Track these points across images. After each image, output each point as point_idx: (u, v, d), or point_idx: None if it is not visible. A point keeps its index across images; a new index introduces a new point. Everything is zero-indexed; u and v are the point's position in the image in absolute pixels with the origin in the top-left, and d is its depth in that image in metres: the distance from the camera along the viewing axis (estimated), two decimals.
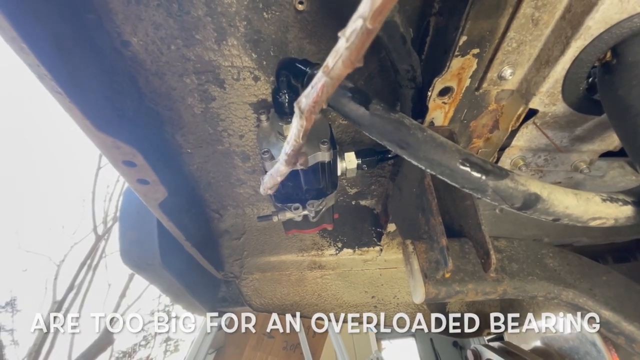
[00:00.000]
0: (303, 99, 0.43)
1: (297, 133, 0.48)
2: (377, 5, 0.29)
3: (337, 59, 0.35)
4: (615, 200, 0.61)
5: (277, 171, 0.59)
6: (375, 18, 0.30)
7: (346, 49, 0.33)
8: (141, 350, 9.24)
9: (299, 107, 0.44)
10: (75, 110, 0.59)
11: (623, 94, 0.62)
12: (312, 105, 0.42)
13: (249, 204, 1.48)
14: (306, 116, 0.44)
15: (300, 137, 0.48)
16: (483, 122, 0.91)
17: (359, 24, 0.31)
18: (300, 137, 0.48)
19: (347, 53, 0.33)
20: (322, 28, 0.89)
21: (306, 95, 0.42)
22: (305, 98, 0.42)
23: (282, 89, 0.82)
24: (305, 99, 0.42)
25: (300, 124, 0.46)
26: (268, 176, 0.64)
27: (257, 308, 1.51)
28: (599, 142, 0.88)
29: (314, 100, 0.41)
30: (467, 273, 0.74)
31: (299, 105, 0.44)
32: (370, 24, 0.30)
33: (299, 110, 0.44)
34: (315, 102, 0.41)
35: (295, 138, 0.49)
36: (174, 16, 0.84)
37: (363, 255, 1.53)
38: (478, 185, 0.57)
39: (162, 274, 1.19)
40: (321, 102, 0.41)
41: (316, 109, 0.42)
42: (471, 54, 0.74)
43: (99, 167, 8.56)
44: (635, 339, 0.71)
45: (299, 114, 0.45)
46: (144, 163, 0.74)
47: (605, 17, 0.61)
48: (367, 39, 0.32)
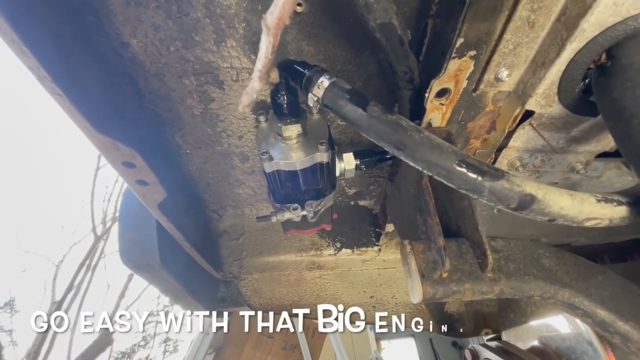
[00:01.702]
0: (268, 16, 0.47)
1: (266, 49, 0.52)
2: None
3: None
4: (610, 201, 0.62)
5: (252, 88, 0.62)
6: None
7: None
8: (140, 350, 9.23)
9: (266, 24, 0.49)
10: (75, 112, 0.59)
11: (618, 96, 0.63)
12: (276, 22, 0.47)
13: (248, 205, 1.48)
14: (272, 32, 0.49)
15: (270, 52, 0.53)
16: (480, 123, 0.92)
17: None
18: (270, 53, 0.53)
19: None
20: (321, 30, 0.89)
21: (270, 13, 0.46)
22: (270, 15, 0.47)
23: (281, 90, 0.83)
24: (270, 16, 0.47)
25: (268, 40, 0.51)
26: (245, 94, 0.66)
27: (256, 308, 1.52)
28: (595, 143, 0.89)
29: (278, 17, 0.46)
30: (464, 273, 0.75)
31: (265, 22, 0.48)
32: None
33: (266, 27, 0.49)
34: (279, 19, 0.47)
35: (265, 54, 0.53)
36: (173, 18, 0.85)
37: (362, 256, 1.53)
38: (474, 186, 0.58)
39: (162, 274, 1.20)
40: (284, 19, 0.47)
41: (280, 25, 0.48)
42: (468, 55, 0.75)
43: (97, 167, 8.56)
44: (631, 338, 0.72)
45: (266, 30, 0.49)
46: (143, 164, 0.74)
47: (600, 20, 0.61)
48: None
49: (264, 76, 0.57)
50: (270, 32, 0.49)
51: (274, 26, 0.48)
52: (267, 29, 0.49)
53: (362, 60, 0.97)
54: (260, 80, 0.59)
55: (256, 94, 0.64)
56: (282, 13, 0.45)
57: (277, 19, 0.46)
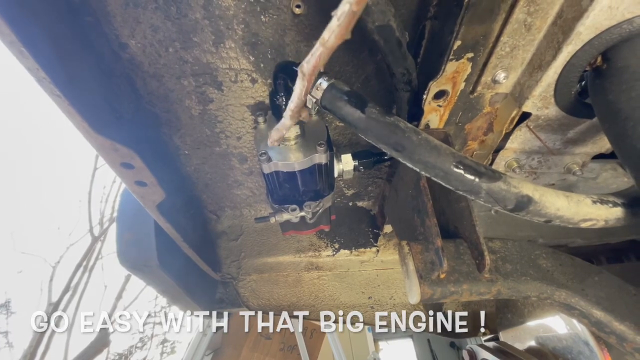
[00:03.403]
0: (305, 64, 0.53)
1: (300, 92, 0.58)
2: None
3: (331, 34, 0.46)
4: (605, 202, 0.62)
5: (283, 125, 0.68)
6: (359, 3, 0.42)
7: (337, 26, 0.44)
8: (137, 352, 9.18)
9: (302, 71, 0.54)
10: (74, 113, 0.59)
11: (613, 98, 0.63)
12: (312, 69, 0.53)
13: (246, 205, 1.48)
14: (307, 78, 0.55)
15: (303, 95, 0.59)
16: (478, 124, 0.92)
17: (346, 7, 0.42)
18: (303, 95, 0.59)
19: (338, 29, 0.45)
20: (319, 31, 0.88)
21: (307, 62, 0.52)
22: (306, 63, 0.53)
23: (280, 91, 0.83)
24: (306, 64, 0.53)
25: (302, 85, 0.56)
26: (275, 130, 0.71)
27: (255, 309, 1.52)
28: (591, 144, 0.89)
29: (313, 65, 0.52)
30: (461, 274, 0.75)
31: (301, 69, 0.54)
32: (355, 7, 0.42)
33: (302, 73, 0.55)
34: (314, 67, 0.52)
35: (299, 96, 0.59)
36: (171, 19, 0.85)
37: (360, 256, 1.54)
38: (471, 187, 0.58)
39: (159, 275, 1.19)
40: (319, 67, 0.52)
41: (315, 71, 0.53)
42: (465, 57, 0.75)
43: (95, 167, 8.52)
44: (626, 338, 0.73)
45: (302, 76, 0.55)
46: (141, 165, 0.74)
47: (595, 23, 0.62)
48: (353, 19, 0.44)
49: (295, 115, 0.63)
50: (305, 78, 0.55)
51: (310, 73, 0.53)
52: (303, 75, 0.54)
53: (360, 62, 0.97)
54: (291, 118, 0.64)
55: (286, 131, 0.69)
56: (317, 62, 0.51)
57: (313, 67, 0.52)
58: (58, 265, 8.31)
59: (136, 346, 9.19)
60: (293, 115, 0.62)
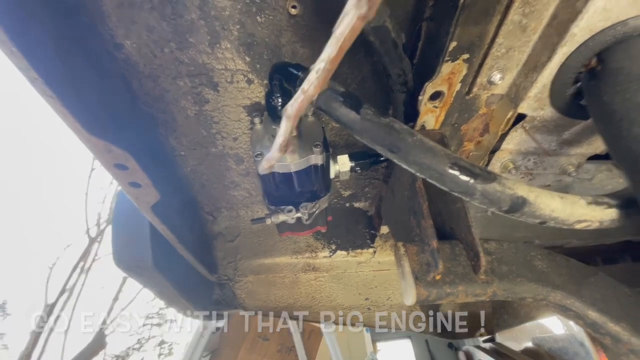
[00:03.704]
0: (289, 107, 0.58)
1: (286, 131, 0.63)
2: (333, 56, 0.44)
3: (310, 85, 0.51)
4: (600, 204, 0.62)
5: (272, 157, 0.72)
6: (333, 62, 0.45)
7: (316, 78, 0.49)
8: (135, 353, 9.13)
9: (287, 114, 0.59)
10: (67, 114, 0.59)
11: (607, 100, 0.63)
12: (295, 113, 0.58)
13: (243, 207, 1.48)
14: (292, 120, 0.59)
15: (289, 133, 0.63)
16: (474, 125, 0.92)
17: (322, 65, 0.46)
18: (289, 134, 0.63)
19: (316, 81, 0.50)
20: (315, 32, 0.90)
21: (291, 105, 0.57)
22: (290, 107, 0.57)
23: (275, 92, 0.83)
24: (290, 107, 0.58)
25: (288, 125, 0.61)
26: (265, 160, 0.76)
27: (251, 310, 1.51)
28: (586, 145, 0.90)
29: (297, 109, 0.57)
30: (457, 275, 0.75)
31: (286, 112, 0.59)
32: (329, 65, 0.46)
33: (286, 116, 0.59)
34: (298, 111, 0.57)
35: (284, 134, 0.63)
36: (167, 19, 0.84)
37: (357, 257, 1.53)
38: (466, 188, 0.58)
39: (155, 276, 1.19)
40: (301, 111, 0.57)
41: (298, 114, 0.58)
42: (461, 59, 0.75)
43: (92, 168, 8.49)
44: (622, 339, 0.73)
45: (286, 118, 0.59)
46: (136, 166, 0.74)
47: (589, 25, 0.62)
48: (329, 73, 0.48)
49: (283, 148, 0.68)
50: (289, 120, 0.59)
51: (294, 116, 0.58)
52: (288, 117, 0.59)
53: (356, 63, 0.97)
54: (280, 151, 0.69)
55: (275, 161, 0.75)
56: (300, 107, 0.56)
57: (297, 111, 0.57)
58: (54, 267, 8.26)
59: (133, 348, 9.14)
60: (281, 148, 0.68)
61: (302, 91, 0.51)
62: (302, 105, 0.54)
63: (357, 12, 0.34)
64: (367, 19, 0.35)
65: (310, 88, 0.49)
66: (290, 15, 0.85)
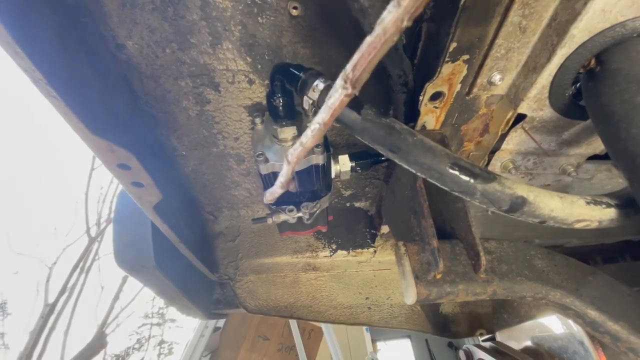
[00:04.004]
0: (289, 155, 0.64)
1: (287, 173, 0.70)
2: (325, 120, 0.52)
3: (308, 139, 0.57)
4: (598, 203, 0.63)
5: (274, 192, 0.81)
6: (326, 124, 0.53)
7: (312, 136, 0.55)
8: (135, 353, 9.15)
9: (287, 159, 0.65)
10: (70, 114, 0.59)
11: (606, 101, 0.64)
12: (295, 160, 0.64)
13: (243, 206, 1.48)
14: (292, 165, 0.66)
15: (289, 174, 0.71)
16: (474, 126, 0.93)
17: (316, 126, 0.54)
18: (289, 175, 0.71)
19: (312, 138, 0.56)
20: (316, 33, 0.90)
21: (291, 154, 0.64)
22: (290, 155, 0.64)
23: (277, 93, 0.84)
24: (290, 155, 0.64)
25: (289, 169, 0.68)
26: (269, 192, 0.85)
27: (252, 310, 1.52)
28: (585, 146, 0.90)
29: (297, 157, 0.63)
30: (457, 274, 0.76)
31: (287, 158, 0.65)
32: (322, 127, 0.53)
33: (287, 161, 0.66)
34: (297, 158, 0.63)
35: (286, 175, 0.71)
36: (169, 20, 0.85)
37: (357, 257, 1.54)
38: (467, 188, 0.59)
39: (157, 276, 1.19)
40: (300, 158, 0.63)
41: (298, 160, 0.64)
42: (461, 59, 0.76)
43: (92, 168, 8.49)
44: (620, 338, 0.73)
45: (287, 163, 0.66)
46: (138, 166, 0.74)
47: (588, 26, 0.63)
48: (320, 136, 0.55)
49: (285, 185, 0.75)
50: (290, 165, 0.66)
51: (293, 162, 0.65)
52: (288, 162, 0.66)
53: None
54: (282, 188, 0.76)
55: (278, 195, 0.82)
56: (299, 155, 0.62)
57: (296, 158, 0.63)
58: (55, 266, 8.27)
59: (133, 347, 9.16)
60: (283, 185, 0.75)
61: (301, 144, 0.58)
62: (301, 154, 0.61)
63: (344, 92, 0.44)
64: (352, 96, 0.45)
65: (307, 142, 0.57)
66: (292, 16, 0.86)
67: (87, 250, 8.08)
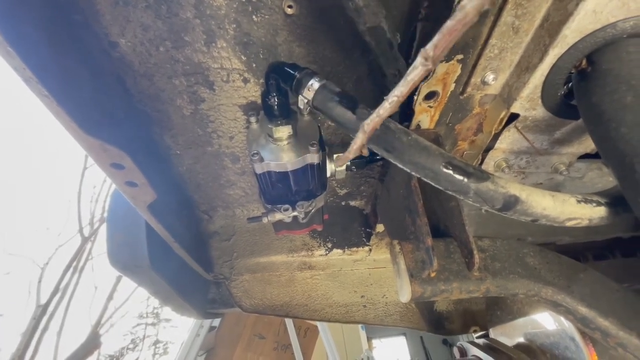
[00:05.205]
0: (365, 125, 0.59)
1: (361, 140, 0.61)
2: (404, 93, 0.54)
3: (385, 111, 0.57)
4: (589, 202, 0.64)
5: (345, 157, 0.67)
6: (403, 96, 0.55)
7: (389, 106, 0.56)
8: (129, 353, 9.08)
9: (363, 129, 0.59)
10: (62, 113, 0.58)
11: (597, 100, 0.65)
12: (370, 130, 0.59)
13: (239, 206, 1.48)
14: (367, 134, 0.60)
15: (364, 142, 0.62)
16: (468, 125, 0.94)
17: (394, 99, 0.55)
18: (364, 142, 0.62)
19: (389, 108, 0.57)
20: (311, 32, 0.90)
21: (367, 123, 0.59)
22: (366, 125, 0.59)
23: (272, 91, 0.83)
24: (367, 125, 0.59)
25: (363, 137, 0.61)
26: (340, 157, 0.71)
27: (247, 309, 1.51)
28: (577, 145, 0.92)
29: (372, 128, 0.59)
30: (451, 272, 0.77)
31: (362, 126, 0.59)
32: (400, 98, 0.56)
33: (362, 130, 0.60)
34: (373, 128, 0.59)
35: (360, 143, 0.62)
36: (162, 18, 0.84)
37: (352, 256, 1.55)
38: (460, 187, 0.59)
39: (151, 275, 1.18)
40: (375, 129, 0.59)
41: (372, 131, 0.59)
42: (455, 59, 0.76)
43: (84, 167, 8.38)
44: (610, 334, 0.75)
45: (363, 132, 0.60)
46: (132, 165, 0.74)
47: (580, 27, 0.63)
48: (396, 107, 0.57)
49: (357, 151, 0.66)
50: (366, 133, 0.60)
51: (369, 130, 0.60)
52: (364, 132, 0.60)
53: (352, 63, 0.98)
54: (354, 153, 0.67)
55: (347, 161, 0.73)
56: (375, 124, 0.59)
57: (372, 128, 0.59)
58: (47, 267, 8.16)
59: (128, 347, 9.09)
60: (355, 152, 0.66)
61: (377, 114, 0.57)
62: (377, 124, 0.59)
63: (424, 68, 0.47)
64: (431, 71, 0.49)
65: (384, 112, 0.56)
66: (286, 14, 0.85)
67: (80, 250, 7.99)
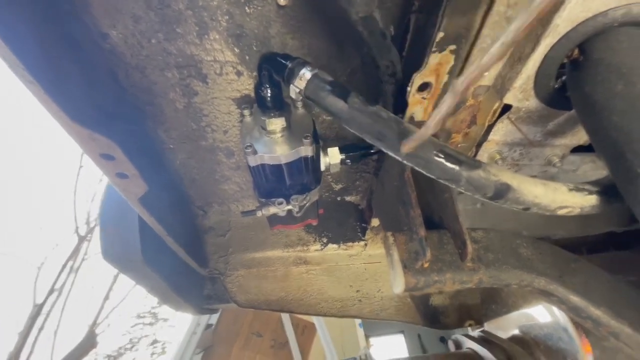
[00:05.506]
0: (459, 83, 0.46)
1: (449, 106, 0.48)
2: None
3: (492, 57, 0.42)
4: (581, 190, 0.64)
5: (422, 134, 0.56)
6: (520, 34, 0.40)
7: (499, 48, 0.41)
8: (127, 353, 9.05)
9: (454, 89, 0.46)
10: (49, 101, 0.58)
11: (589, 90, 0.65)
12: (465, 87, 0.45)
13: (233, 201, 1.47)
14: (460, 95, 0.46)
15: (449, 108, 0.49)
16: (461, 117, 0.94)
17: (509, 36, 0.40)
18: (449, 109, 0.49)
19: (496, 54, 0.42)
20: (305, 23, 0.89)
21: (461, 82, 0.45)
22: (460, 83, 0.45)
23: (264, 83, 0.83)
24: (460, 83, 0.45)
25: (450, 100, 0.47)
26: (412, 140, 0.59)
27: (243, 304, 1.51)
28: (570, 136, 0.92)
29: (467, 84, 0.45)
30: (445, 263, 0.77)
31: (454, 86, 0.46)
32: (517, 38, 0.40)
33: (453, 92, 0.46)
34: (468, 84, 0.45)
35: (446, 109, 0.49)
36: (154, 9, 0.83)
37: (348, 250, 1.55)
38: (452, 175, 0.59)
39: (145, 271, 1.18)
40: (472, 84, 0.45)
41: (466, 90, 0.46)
42: (448, 50, 0.76)
43: (80, 165, 8.33)
44: (602, 323, 0.75)
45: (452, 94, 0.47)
46: (122, 156, 0.73)
47: (571, 16, 0.63)
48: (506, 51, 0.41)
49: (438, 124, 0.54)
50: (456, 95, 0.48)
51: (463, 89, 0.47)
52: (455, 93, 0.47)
53: (346, 54, 0.98)
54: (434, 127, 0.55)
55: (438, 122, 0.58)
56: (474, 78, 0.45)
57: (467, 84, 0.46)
58: (42, 266, 8.11)
59: (125, 347, 9.06)
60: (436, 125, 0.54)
61: (477, 66, 0.43)
62: (477, 76, 0.44)
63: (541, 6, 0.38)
64: None
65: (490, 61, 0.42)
66: (279, 6, 0.85)
67: (76, 249, 7.94)
